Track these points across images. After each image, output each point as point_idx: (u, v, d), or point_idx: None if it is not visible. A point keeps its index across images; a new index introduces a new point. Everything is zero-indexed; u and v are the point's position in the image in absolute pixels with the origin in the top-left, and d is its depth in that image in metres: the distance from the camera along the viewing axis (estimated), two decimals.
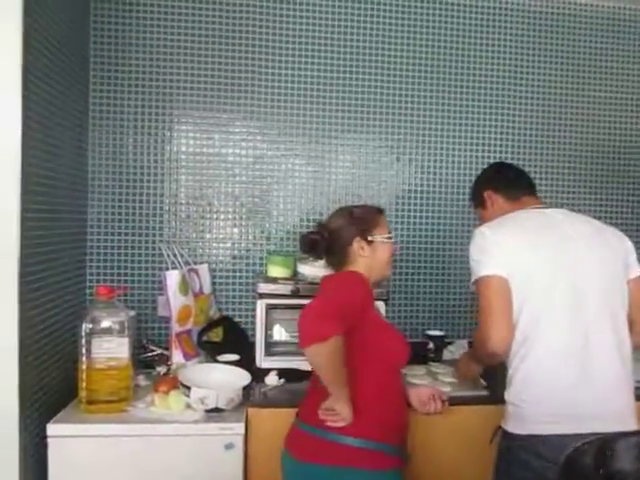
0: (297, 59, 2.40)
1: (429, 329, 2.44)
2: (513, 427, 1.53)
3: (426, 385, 1.90)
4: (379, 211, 1.67)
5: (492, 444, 1.60)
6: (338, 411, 1.43)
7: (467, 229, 2.51)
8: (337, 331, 1.35)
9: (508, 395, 1.57)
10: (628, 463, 0.90)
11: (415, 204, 2.52)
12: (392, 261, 1.66)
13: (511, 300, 1.51)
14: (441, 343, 2.35)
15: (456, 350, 2.42)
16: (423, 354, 2.31)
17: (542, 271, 1.52)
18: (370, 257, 1.60)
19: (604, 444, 0.96)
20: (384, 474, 1.49)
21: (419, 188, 2.52)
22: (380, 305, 2.08)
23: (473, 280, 1.59)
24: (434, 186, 2.53)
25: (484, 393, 1.97)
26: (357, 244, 1.59)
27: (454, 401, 1.84)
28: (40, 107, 1.81)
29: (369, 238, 1.59)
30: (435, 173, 2.52)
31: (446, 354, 2.39)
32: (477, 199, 1.88)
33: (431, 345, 2.33)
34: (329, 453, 1.46)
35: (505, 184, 1.80)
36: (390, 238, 1.64)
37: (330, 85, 2.43)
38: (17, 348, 1.66)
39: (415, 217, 2.52)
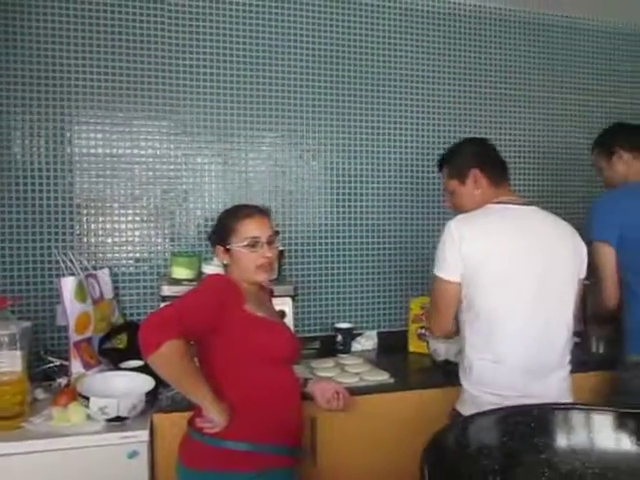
0: (195, 56, 2.36)
1: (338, 322, 2.47)
2: (469, 410, 1.49)
3: (330, 379, 1.89)
4: (247, 215, 1.54)
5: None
6: (209, 417, 1.42)
7: (370, 222, 2.60)
8: (169, 336, 1.32)
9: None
10: (494, 438, 0.96)
11: (325, 199, 2.53)
12: (267, 265, 1.54)
13: (456, 301, 1.61)
14: (349, 335, 2.40)
15: (366, 341, 2.48)
16: (332, 347, 2.36)
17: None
18: (232, 264, 1.56)
19: (466, 422, 1.02)
20: (270, 475, 1.46)
21: (329, 184, 2.54)
22: (286, 302, 2.11)
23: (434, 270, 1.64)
24: (343, 181, 2.56)
25: (390, 381, 2.04)
26: (218, 250, 1.58)
27: (360, 391, 1.90)
28: None
29: (227, 246, 1.54)
30: (344, 168, 2.55)
31: (356, 345, 2.44)
32: (459, 174, 1.72)
33: (339, 337, 2.37)
34: (210, 458, 1.44)
35: (492, 166, 1.70)
36: (253, 245, 1.51)
37: (232, 83, 2.40)
38: None
39: (320, 212, 2.54)
